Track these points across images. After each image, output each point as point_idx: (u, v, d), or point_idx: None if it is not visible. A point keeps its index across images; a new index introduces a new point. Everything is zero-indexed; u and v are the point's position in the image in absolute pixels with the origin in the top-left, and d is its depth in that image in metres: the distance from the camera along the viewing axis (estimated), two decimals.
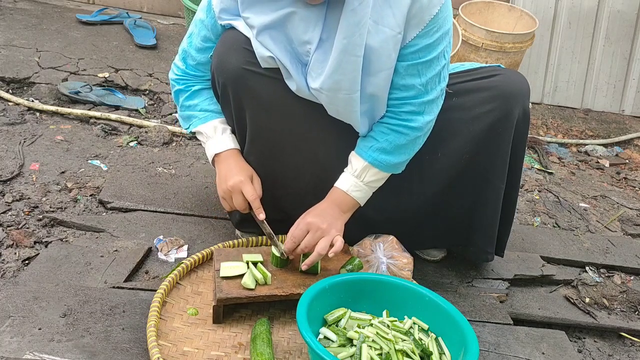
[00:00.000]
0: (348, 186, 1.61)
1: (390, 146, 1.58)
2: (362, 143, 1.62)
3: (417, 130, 1.57)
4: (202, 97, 1.72)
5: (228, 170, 1.67)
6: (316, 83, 1.49)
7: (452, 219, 1.82)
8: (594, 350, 1.81)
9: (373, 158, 1.59)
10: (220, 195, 1.70)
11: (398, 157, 1.60)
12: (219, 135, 1.70)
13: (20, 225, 1.84)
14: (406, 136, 1.57)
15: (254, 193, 1.63)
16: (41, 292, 1.55)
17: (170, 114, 2.62)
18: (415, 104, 1.54)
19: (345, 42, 1.41)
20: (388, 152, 1.59)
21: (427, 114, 1.56)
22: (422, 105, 1.54)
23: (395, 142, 1.58)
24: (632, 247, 2.25)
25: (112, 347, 1.43)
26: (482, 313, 1.78)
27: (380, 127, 1.59)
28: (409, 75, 1.50)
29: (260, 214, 1.62)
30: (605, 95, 3.46)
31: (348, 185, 1.61)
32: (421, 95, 1.53)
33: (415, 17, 1.42)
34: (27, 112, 2.44)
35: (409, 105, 1.54)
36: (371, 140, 1.59)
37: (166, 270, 1.74)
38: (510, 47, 3.05)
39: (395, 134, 1.57)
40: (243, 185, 1.63)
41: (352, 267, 1.63)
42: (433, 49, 1.48)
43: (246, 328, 1.55)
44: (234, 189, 1.63)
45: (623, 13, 3.35)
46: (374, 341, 1.37)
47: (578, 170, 2.86)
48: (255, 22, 1.47)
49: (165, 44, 3.19)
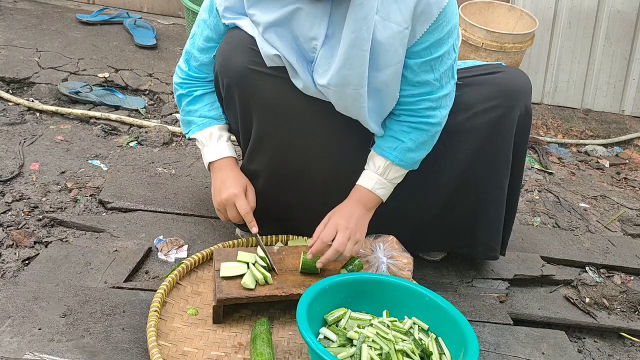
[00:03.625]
0: (373, 184, 1.62)
1: (415, 144, 1.60)
2: (384, 144, 1.61)
3: (437, 126, 1.59)
4: (203, 102, 1.72)
5: (222, 181, 1.67)
6: (324, 79, 1.49)
7: (458, 217, 1.81)
8: (594, 350, 1.81)
9: (399, 159, 1.60)
10: (215, 207, 1.70)
11: (420, 153, 1.63)
12: (214, 142, 1.70)
13: (20, 225, 1.84)
14: (427, 132, 1.59)
15: (247, 207, 1.63)
16: (41, 292, 1.55)
17: (170, 114, 2.62)
18: (432, 99, 1.55)
19: (353, 37, 1.42)
20: (412, 150, 1.61)
21: (444, 108, 1.58)
22: (438, 100, 1.55)
23: (418, 139, 1.59)
24: (632, 247, 2.24)
25: (112, 347, 1.43)
26: (482, 313, 1.78)
27: (400, 126, 1.60)
28: (423, 71, 1.51)
29: (253, 228, 1.63)
30: (605, 95, 3.46)
31: (373, 183, 1.62)
32: (437, 90, 1.54)
33: (424, 12, 1.42)
34: (27, 112, 2.44)
35: (426, 101, 1.55)
36: (394, 141, 1.60)
37: (166, 270, 1.74)
38: (510, 47, 3.05)
39: (417, 131, 1.59)
40: (236, 199, 1.63)
41: (352, 267, 1.63)
42: (444, 43, 1.48)
43: (246, 328, 1.55)
44: (227, 202, 1.64)
45: (623, 13, 3.35)
46: (374, 341, 1.37)
47: (578, 170, 2.86)
48: (261, 19, 1.47)
49: (165, 44, 3.19)
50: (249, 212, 1.64)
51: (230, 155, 1.71)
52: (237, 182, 1.66)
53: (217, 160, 1.70)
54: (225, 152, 1.70)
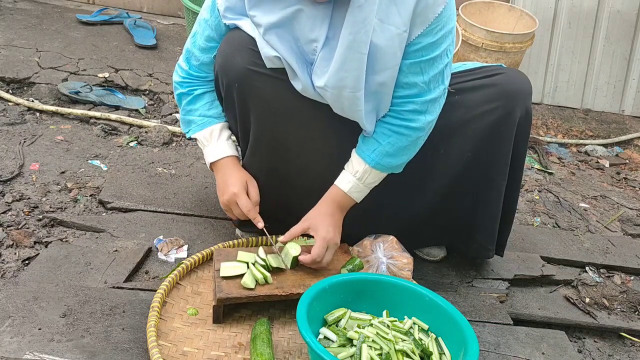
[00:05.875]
0: (349, 188, 1.62)
1: (393, 149, 1.58)
2: (364, 145, 1.61)
3: (419, 131, 1.57)
4: (203, 101, 1.72)
5: (223, 182, 1.69)
6: (321, 81, 1.49)
7: (454, 217, 1.82)
8: (594, 350, 1.81)
9: (376, 162, 1.59)
10: (222, 207, 1.73)
11: (400, 158, 1.61)
12: (214, 141, 1.70)
13: (20, 225, 1.84)
14: (408, 137, 1.57)
15: (249, 204, 1.64)
16: (41, 292, 1.55)
17: (170, 114, 2.62)
18: (418, 102, 1.54)
19: (351, 39, 1.42)
20: (391, 155, 1.59)
21: (429, 114, 1.56)
22: (424, 104, 1.54)
23: (397, 144, 1.58)
24: (632, 247, 2.24)
25: (112, 347, 1.43)
26: (482, 313, 1.78)
27: (382, 128, 1.59)
28: (412, 73, 1.50)
29: (258, 223, 1.64)
30: (605, 95, 3.46)
31: (349, 187, 1.62)
32: (424, 93, 1.53)
33: (420, 15, 1.42)
34: (27, 112, 2.44)
35: (411, 103, 1.54)
36: (374, 143, 1.59)
37: (166, 270, 1.74)
38: (510, 47, 3.05)
39: (397, 135, 1.57)
40: (237, 198, 1.64)
41: (352, 267, 1.63)
42: (436, 48, 1.48)
43: (246, 328, 1.55)
44: (230, 203, 1.66)
45: (623, 13, 3.35)
46: (374, 341, 1.37)
47: (578, 170, 2.86)
48: (262, 20, 1.47)
49: (165, 44, 3.19)
50: (252, 209, 1.64)
51: (231, 154, 1.71)
52: (238, 181, 1.67)
53: (219, 160, 1.70)
54: (226, 152, 1.70)
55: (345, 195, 1.62)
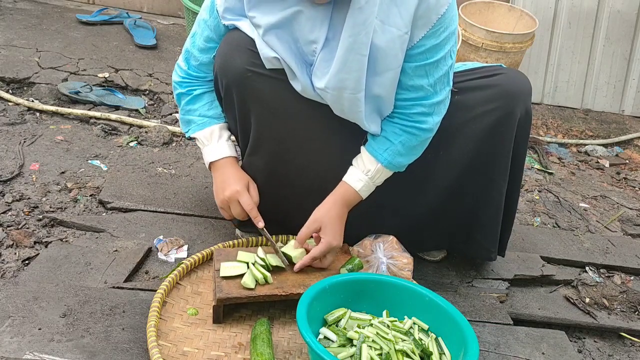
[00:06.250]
0: (360, 186, 1.62)
1: (404, 148, 1.59)
2: (375, 144, 1.61)
3: (428, 132, 1.58)
4: (203, 101, 1.72)
5: (223, 180, 1.68)
6: (321, 82, 1.49)
7: (455, 218, 1.82)
8: (594, 350, 1.81)
9: (388, 161, 1.60)
10: (219, 205, 1.71)
11: (409, 158, 1.62)
12: (214, 142, 1.70)
13: (20, 225, 1.84)
14: (418, 137, 1.59)
15: (251, 203, 1.64)
16: (41, 292, 1.55)
17: (170, 114, 2.62)
18: (425, 105, 1.54)
19: (351, 40, 1.42)
20: (402, 154, 1.60)
21: (437, 115, 1.57)
22: (432, 107, 1.55)
23: (408, 143, 1.59)
24: (632, 247, 2.24)
25: (112, 347, 1.43)
26: (482, 313, 1.78)
27: (393, 127, 1.59)
28: (417, 76, 1.51)
29: (259, 223, 1.64)
30: (605, 95, 3.46)
31: (361, 185, 1.62)
32: (430, 96, 1.54)
33: (422, 17, 1.42)
34: (27, 112, 2.44)
35: (419, 106, 1.55)
36: (385, 142, 1.60)
37: (166, 270, 1.74)
38: (510, 47, 3.05)
39: (407, 135, 1.58)
40: (240, 195, 1.64)
41: (352, 267, 1.63)
42: (440, 49, 1.48)
43: (246, 328, 1.55)
44: (231, 200, 1.65)
45: (623, 13, 3.35)
46: (374, 341, 1.37)
47: (578, 170, 2.86)
48: (261, 21, 1.47)
49: (165, 44, 3.19)
50: (254, 207, 1.64)
51: (231, 154, 1.71)
52: (239, 179, 1.67)
53: (218, 160, 1.70)
54: (225, 152, 1.70)
55: (356, 193, 1.62)
